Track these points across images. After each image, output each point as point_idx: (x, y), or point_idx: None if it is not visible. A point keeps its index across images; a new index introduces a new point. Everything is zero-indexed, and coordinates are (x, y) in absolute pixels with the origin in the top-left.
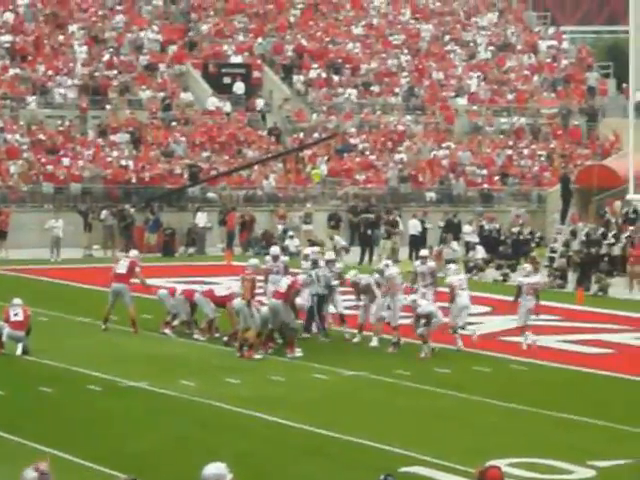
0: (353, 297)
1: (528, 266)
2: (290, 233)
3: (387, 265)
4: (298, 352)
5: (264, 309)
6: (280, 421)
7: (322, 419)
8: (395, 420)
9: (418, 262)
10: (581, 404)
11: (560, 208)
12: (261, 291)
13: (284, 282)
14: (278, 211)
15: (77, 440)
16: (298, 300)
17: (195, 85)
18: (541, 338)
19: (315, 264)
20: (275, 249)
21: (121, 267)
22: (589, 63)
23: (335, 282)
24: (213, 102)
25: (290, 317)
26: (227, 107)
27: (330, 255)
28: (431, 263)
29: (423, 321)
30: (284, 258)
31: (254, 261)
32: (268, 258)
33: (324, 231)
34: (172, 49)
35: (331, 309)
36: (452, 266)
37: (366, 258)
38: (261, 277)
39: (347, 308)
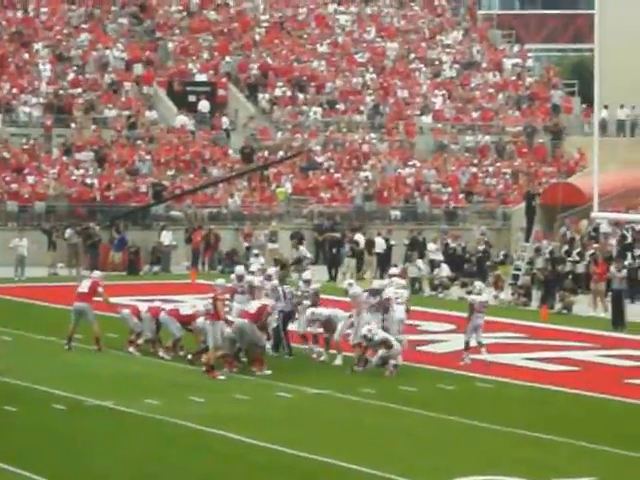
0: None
1: (479, 284)
2: (255, 251)
3: (350, 284)
4: (267, 371)
5: (228, 329)
6: (244, 439)
7: (286, 437)
8: (360, 438)
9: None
10: (545, 421)
11: (524, 226)
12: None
13: (254, 304)
14: (243, 229)
15: (42, 459)
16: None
17: (160, 103)
18: (506, 356)
19: (282, 281)
20: (240, 268)
21: (83, 286)
22: (554, 81)
23: (307, 302)
24: (180, 120)
25: (257, 336)
26: (192, 125)
27: (307, 275)
28: (401, 282)
29: (382, 350)
30: (249, 277)
31: (221, 281)
32: (233, 277)
33: (289, 249)
34: (137, 67)
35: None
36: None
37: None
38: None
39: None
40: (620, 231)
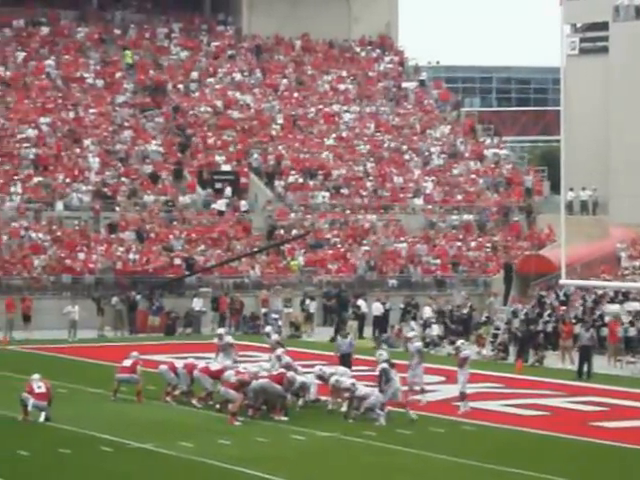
0: None
1: (459, 343)
2: (274, 316)
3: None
4: (284, 417)
5: (255, 383)
6: (264, 476)
7: (300, 474)
8: (360, 474)
9: (408, 343)
10: (520, 459)
11: (502, 292)
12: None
13: (277, 367)
14: (261, 296)
15: None
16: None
17: (191, 190)
18: (487, 403)
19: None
20: (221, 330)
21: (126, 363)
22: (526, 168)
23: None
24: (209, 204)
25: (278, 390)
26: (220, 208)
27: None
28: (417, 343)
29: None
30: (228, 338)
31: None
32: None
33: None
34: (172, 159)
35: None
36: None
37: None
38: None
39: None
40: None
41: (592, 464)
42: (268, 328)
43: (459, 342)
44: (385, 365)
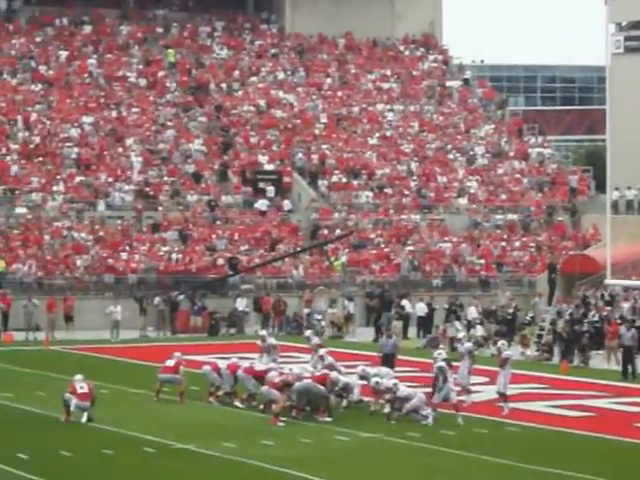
0: None
1: (500, 343)
2: (317, 316)
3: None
4: (327, 418)
5: (299, 384)
6: (307, 476)
7: (343, 475)
8: (404, 475)
9: (458, 344)
10: (564, 460)
11: (546, 292)
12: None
13: (319, 368)
14: (304, 297)
15: None
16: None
17: (234, 189)
18: (531, 404)
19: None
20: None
21: (169, 363)
22: (571, 168)
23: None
24: (252, 203)
25: (322, 391)
26: (262, 207)
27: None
28: (468, 344)
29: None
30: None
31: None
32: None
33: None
34: (214, 158)
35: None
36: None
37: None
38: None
39: None
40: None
41: (637, 465)
42: (308, 332)
43: (500, 343)
44: (443, 364)
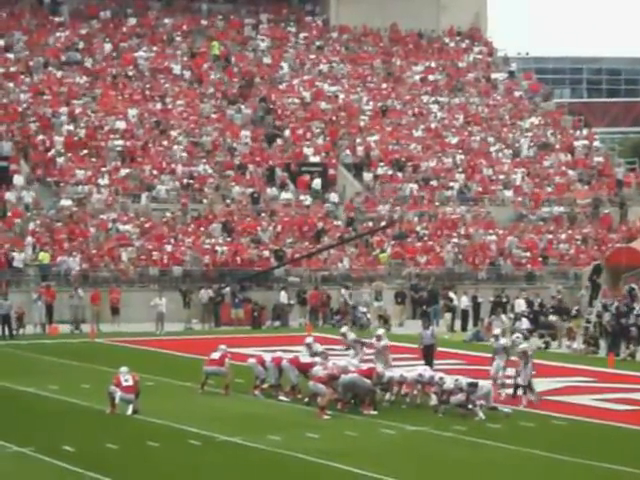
0: None
1: (514, 337)
2: (362, 309)
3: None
4: (373, 411)
5: (344, 377)
6: (353, 470)
7: (389, 468)
8: (450, 469)
9: (492, 339)
10: (611, 453)
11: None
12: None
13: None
14: (350, 289)
15: None
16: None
17: (279, 181)
18: (578, 397)
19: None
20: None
21: (215, 355)
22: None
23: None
24: (297, 195)
25: (367, 384)
26: (307, 200)
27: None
28: (503, 340)
29: (459, 395)
30: (352, 335)
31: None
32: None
33: (392, 306)
34: (258, 151)
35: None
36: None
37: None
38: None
39: None
40: None
41: None
42: (344, 329)
43: (514, 336)
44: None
